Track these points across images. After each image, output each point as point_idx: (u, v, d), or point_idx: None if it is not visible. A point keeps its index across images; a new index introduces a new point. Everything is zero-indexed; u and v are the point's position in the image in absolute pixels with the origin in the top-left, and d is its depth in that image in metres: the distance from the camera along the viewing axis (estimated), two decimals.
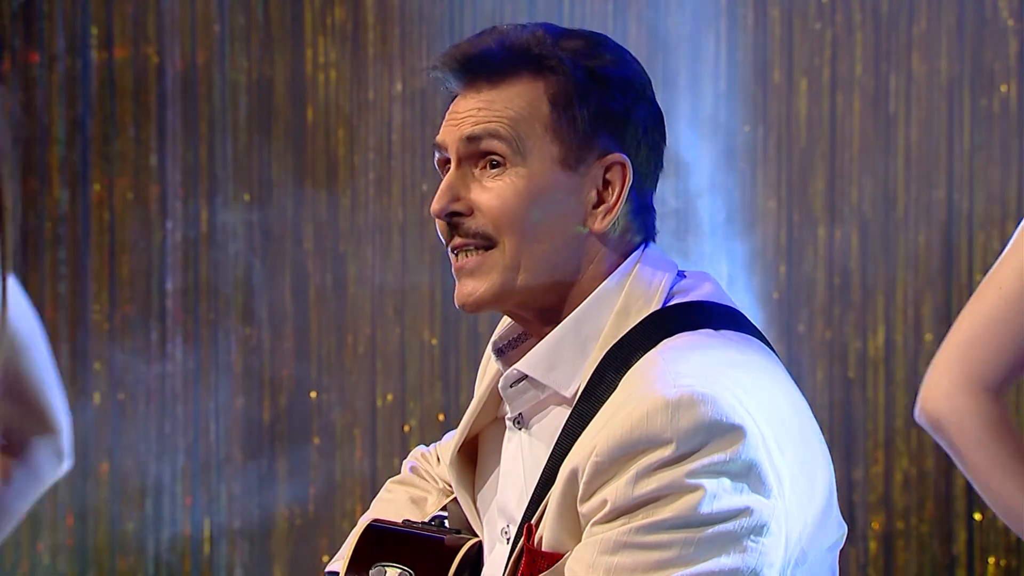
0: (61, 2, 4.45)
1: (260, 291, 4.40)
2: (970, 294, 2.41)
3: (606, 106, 1.90)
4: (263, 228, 4.40)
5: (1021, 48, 3.99)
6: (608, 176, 1.91)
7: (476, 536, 2.05)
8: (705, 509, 1.72)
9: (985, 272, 2.36)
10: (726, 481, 1.73)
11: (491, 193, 1.90)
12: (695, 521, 1.72)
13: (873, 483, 4.07)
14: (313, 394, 4.39)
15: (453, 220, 1.92)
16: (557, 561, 1.79)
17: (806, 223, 4.10)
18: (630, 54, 1.97)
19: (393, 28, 4.33)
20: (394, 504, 2.18)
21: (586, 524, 1.78)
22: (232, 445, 4.40)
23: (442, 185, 1.92)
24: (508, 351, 2.00)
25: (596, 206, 1.91)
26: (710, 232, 4.13)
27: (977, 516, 4.01)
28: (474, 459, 2.08)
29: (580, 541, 1.79)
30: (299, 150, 4.38)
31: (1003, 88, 4.00)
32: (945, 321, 3.97)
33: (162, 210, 4.42)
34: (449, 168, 1.93)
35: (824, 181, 4.09)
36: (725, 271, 4.12)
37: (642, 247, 1.95)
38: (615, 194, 1.91)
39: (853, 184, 4.07)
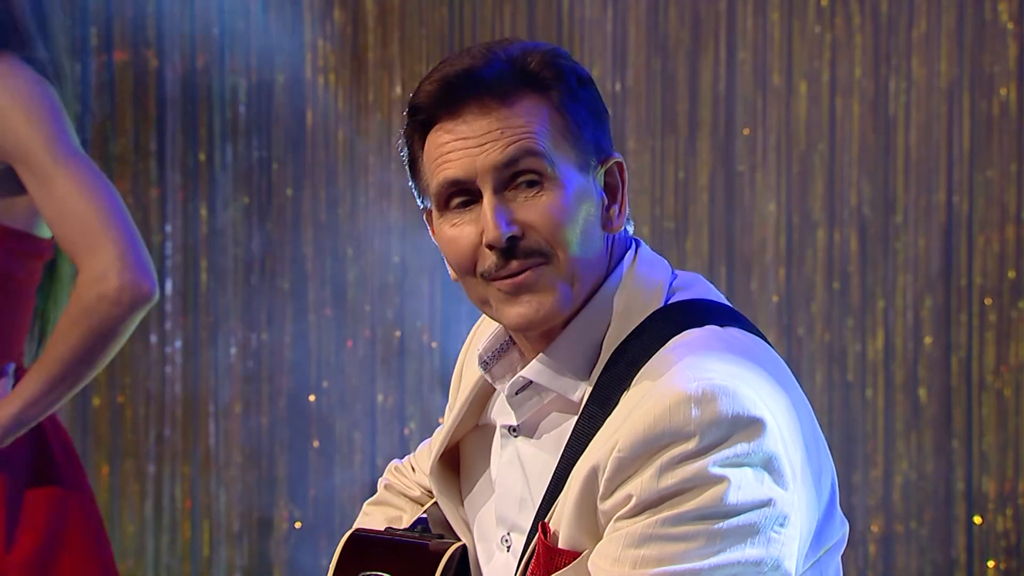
0: (61, 3, 4.44)
1: (259, 294, 4.40)
2: (970, 297, 2.40)
3: (595, 108, 1.91)
4: (262, 231, 4.40)
5: (1020, 51, 3.99)
6: (609, 178, 1.91)
7: (459, 540, 2.06)
8: (730, 500, 1.73)
9: (985, 275, 2.35)
10: (749, 472, 1.74)
11: (538, 210, 1.85)
12: (720, 512, 1.73)
13: (872, 486, 4.07)
14: (312, 397, 4.39)
15: (511, 244, 1.86)
16: (576, 558, 1.80)
17: (806, 226, 4.10)
18: None
19: (393, 31, 4.33)
20: (372, 526, 2.19)
21: (607, 521, 1.78)
22: (231, 448, 4.40)
23: (488, 213, 1.85)
24: (493, 363, 1.98)
25: (607, 208, 1.91)
26: (709, 234, 4.14)
27: (977, 520, 4.01)
28: (456, 466, 2.08)
29: (598, 540, 1.79)
30: (298, 153, 4.38)
31: (1002, 91, 4.00)
32: (944, 324, 3.97)
33: (161, 213, 4.42)
34: (460, 203, 1.88)
35: (823, 184, 4.09)
36: (724, 274, 4.12)
37: (634, 246, 1.95)
38: (620, 193, 1.91)
39: (852, 187, 4.08)
